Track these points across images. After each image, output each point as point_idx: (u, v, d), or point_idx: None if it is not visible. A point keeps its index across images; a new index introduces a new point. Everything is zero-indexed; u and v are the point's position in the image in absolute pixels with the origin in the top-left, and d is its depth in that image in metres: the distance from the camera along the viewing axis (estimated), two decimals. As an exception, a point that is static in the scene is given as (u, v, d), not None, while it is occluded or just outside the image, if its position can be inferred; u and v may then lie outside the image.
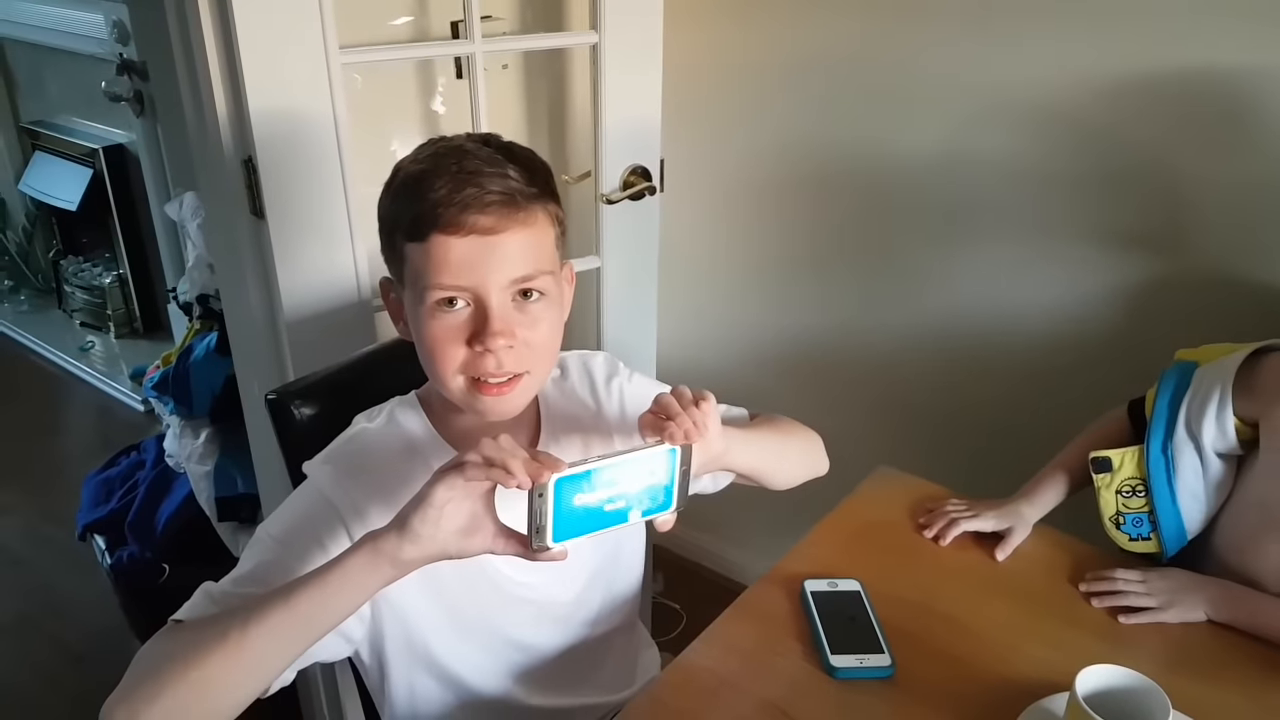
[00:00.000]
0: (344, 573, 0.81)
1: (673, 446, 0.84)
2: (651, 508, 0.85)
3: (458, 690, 1.06)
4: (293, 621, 0.81)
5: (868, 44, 1.74)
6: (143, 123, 3.06)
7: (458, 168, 0.88)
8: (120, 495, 2.29)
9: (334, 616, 0.83)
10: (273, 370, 1.56)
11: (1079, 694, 0.88)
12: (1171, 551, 1.18)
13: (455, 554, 0.83)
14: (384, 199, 0.95)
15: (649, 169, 1.72)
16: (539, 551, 0.81)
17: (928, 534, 1.24)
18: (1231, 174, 1.45)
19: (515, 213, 0.89)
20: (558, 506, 0.79)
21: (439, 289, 0.89)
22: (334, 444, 1.00)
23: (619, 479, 0.82)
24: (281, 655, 0.83)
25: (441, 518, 0.80)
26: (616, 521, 0.84)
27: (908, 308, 1.86)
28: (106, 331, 3.68)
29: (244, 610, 0.83)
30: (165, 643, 0.85)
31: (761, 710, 1.00)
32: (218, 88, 1.37)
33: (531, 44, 1.84)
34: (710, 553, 2.35)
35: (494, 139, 0.94)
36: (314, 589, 0.81)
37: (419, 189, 0.88)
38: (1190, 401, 1.15)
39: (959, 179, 1.71)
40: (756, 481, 1.12)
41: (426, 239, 0.88)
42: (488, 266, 0.89)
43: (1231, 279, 1.49)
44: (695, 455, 0.91)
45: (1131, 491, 1.19)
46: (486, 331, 0.89)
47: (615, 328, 1.82)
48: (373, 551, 0.81)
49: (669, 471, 0.85)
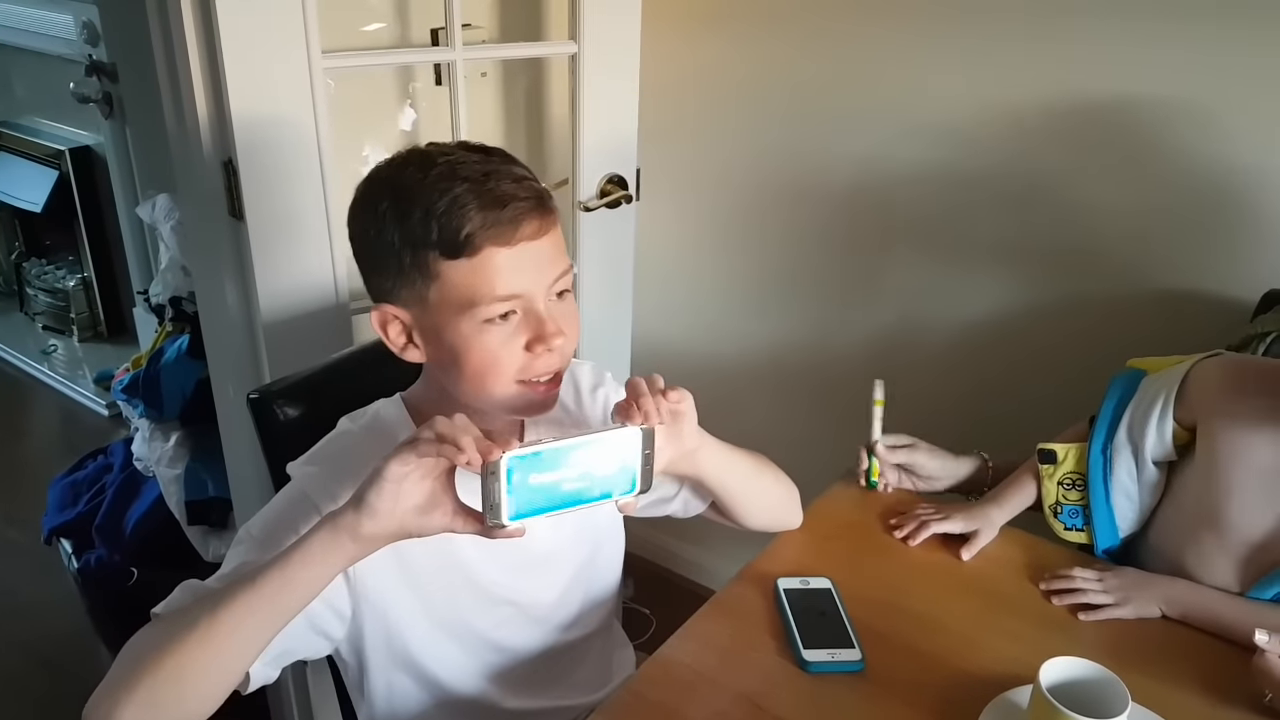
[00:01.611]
0: (306, 551, 0.82)
1: (635, 427, 0.86)
2: (615, 490, 0.86)
3: (435, 690, 1.07)
4: (258, 603, 0.82)
5: (832, 62, 1.78)
6: (111, 125, 3.03)
7: (486, 181, 0.89)
8: (87, 499, 2.27)
9: (299, 596, 0.84)
10: (249, 372, 1.56)
11: (1043, 685, 0.91)
12: (1102, 544, 1.24)
13: (415, 531, 0.84)
14: (383, 221, 0.91)
15: (625, 177, 1.75)
16: (494, 528, 0.82)
17: (898, 534, 1.28)
18: (1138, 197, 1.55)
19: (547, 215, 0.92)
20: (515, 485, 0.80)
21: (495, 301, 0.90)
22: (318, 445, 1.01)
23: (581, 460, 0.83)
24: (251, 639, 0.84)
25: (399, 494, 0.81)
26: (578, 502, 0.84)
27: (876, 315, 1.90)
28: (70, 335, 3.63)
29: (213, 597, 0.84)
30: (143, 636, 0.87)
31: (737, 703, 1.02)
32: (199, 90, 1.38)
33: (512, 52, 1.86)
34: (680, 558, 2.38)
35: (487, 148, 0.95)
36: (277, 570, 0.82)
37: (454, 207, 0.87)
38: (1135, 409, 1.21)
39: (919, 193, 1.76)
40: (726, 508, 1.15)
41: (476, 254, 0.88)
42: (536, 271, 0.91)
43: (1183, 291, 1.55)
44: (667, 448, 0.94)
45: (1071, 485, 1.26)
46: (547, 333, 0.91)
47: (591, 334, 1.83)
48: (332, 528, 0.82)
49: (634, 454, 0.86)
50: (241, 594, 0.82)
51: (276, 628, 0.85)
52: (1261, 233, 1.47)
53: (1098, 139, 1.56)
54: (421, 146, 0.96)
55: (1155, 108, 1.50)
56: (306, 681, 1.73)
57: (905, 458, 1.35)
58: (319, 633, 0.97)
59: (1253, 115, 1.43)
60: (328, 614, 0.96)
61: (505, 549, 1.04)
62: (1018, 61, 1.60)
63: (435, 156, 0.92)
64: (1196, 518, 1.16)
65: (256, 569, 0.83)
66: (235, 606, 0.82)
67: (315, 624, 0.96)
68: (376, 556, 0.95)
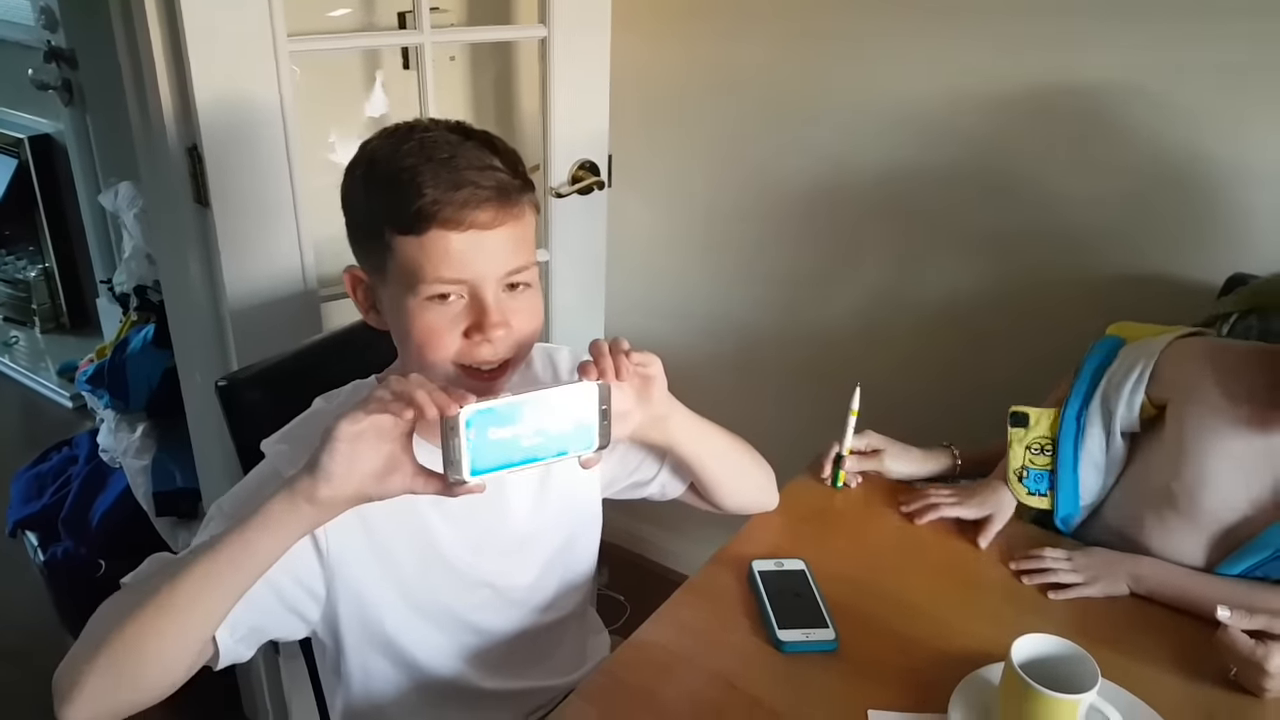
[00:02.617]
0: (264, 516, 0.82)
1: (591, 382, 0.87)
2: (576, 446, 0.87)
3: (411, 672, 1.07)
4: (218, 569, 0.82)
5: (803, 53, 1.79)
6: (71, 112, 2.98)
7: (451, 163, 0.89)
8: (53, 491, 2.24)
9: (259, 563, 0.84)
10: (215, 360, 1.54)
11: (1014, 661, 0.92)
12: (1062, 511, 1.25)
13: (375, 495, 0.84)
14: (357, 188, 0.94)
15: (597, 163, 1.75)
16: (455, 485, 0.83)
17: (904, 509, 1.28)
18: (1105, 184, 1.57)
19: (509, 207, 0.91)
20: (474, 441, 0.80)
21: (438, 283, 0.90)
22: (291, 424, 1.01)
23: (539, 416, 0.84)
24: (211, 606, 0.84)
25: (354, 456, 0.81)
26: (538, 458, 0.85)
27: (847, 302, 1.91)
28: (31, 326, 3.58)
29: (175, 564, 0.84)
30: (107, 605, 0.87)
31: (712, 682, 1.03)
32: (162, 75, 1.35)
33: (481, 35, 1.84)
34: (654, 545, 2.38)
35: (472, 130, 0.95)
36: (237, 535, 0.82)
37: (411, 183, 0.88)
38: (1112, 375, 1.22)
39: (889, 182, 1.77)
40: (703, 484, 1.16)
41: (424, 233, 0.88)
42: (485, 260, 0.91)
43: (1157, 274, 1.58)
44: (636, 412, 0.96)
45: (1040, 449, 1.26)
46: (487, 323, 0.91)
47: (563, 321, 1.84)
48: (289, 493, 0.82)
49: (590, 409, 0.87)
50: (202, 560, 0.82)
51: (236, 594, 0.85)
52: (1226, 219, 1.49)
53: (1065, 127, 1.57)
54: (421, 120, 0.96)
55: (1122, 96, 1.51)
56: (279, 669, 1.73)
57: (873, 465, 1.35)
58: (292, 612, 0.97)
59: (1217, 104, 1.45)
60: (301, 593, 0.96)
61: (481, 527, 1.04)
62: (986, 52, 1.61)
63: (416, 132, 0.92)
64: (1161, 496, 1.17)
65: (217, 537, 0.83)
66: (195, 572, 0.82)
67: (288, 603, 0.95)
68: (350, 539, 0.96)
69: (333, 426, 0.81)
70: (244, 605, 0.88)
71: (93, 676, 0.81)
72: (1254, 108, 1.43)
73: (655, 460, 1.17)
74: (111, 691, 0.82)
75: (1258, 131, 1.43)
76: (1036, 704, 0.90)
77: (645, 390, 0.98)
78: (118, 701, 0.83)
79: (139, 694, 0.83)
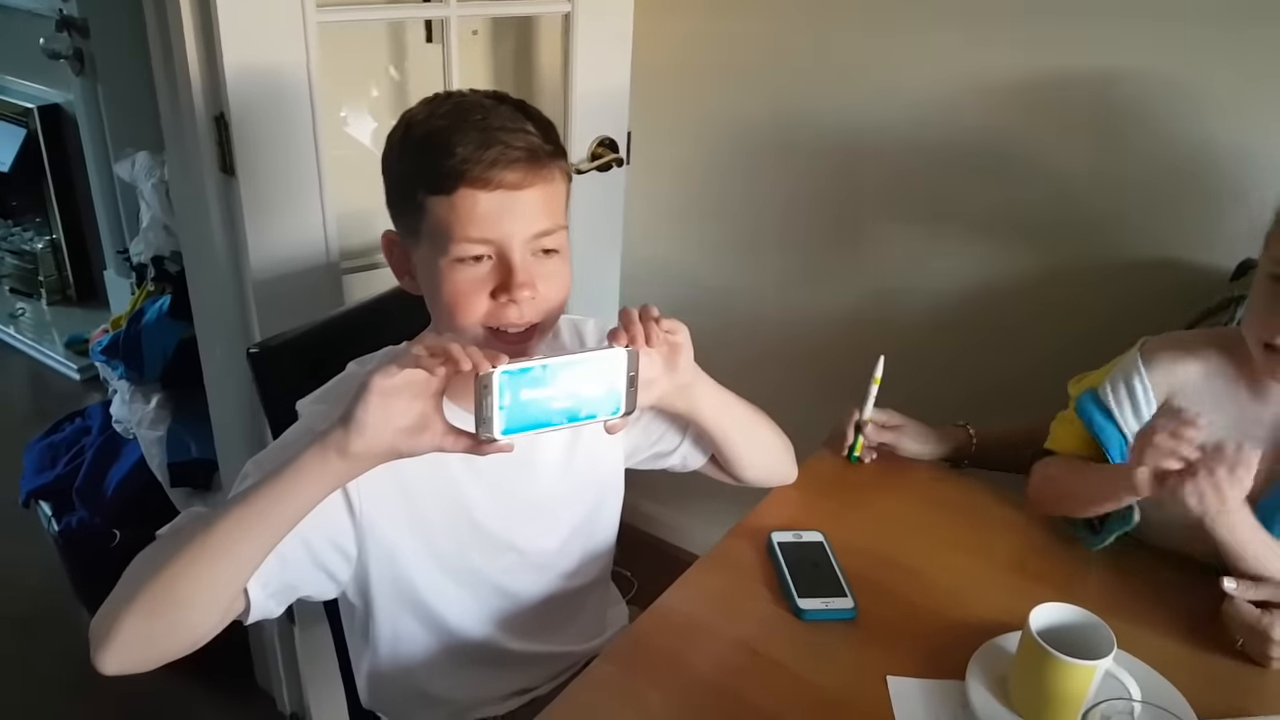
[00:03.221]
0: (297, 468, 0.84)
1: (621, 348, 0.89)
2: (603, 411, 0.89)
3: (440, 633, 1.10)
4: (249, 518, 0.84)
5: (818, 32, 1.80)
6: (82, 82, 2.98)
7: (483, 124, 0.90)
8: (66, 461, 2.25)
9: (289, 513, 0.86)
10: (238, 332, 1.55)
11: (1032, 628, 0.94)
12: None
13: (406, 451, 0.85)
14: (394, 152, 0.96)
15: (616, 141, 1.76)
16: (486, 444, 0.84)
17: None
18: (1116, 168, 1.59)
19: (539, 169, 0.92)
20: (506, 401, 0.82)
21: (466, 242, 0.91)
22: (327, 385, 1.03)
23: (570, 379, 0.86)
24: (243, 554, 0.86)
25: (388, 410, 0.82)
26: (566, 420, 0.87)
27: (861, 281, 1.93)
28: (38, 298, 3.58)
29: (209, 515, 0.86)
30: (144, 553, 0.89)
31: (735, 649, 1.05)
32: (190, 43, 1.36)
33: (506, 9, 1.84)
34: (661, 522, 2.40)
35: (507, 97, 0.96)
36: (268, 486, 0.84)
37: (444, 144, 0.90)
38: (1123, 415, 1.18)
39: (904, 162, 1.78)
40: (724, 455, 1.17)
41: (454, 192, 0.90)
42: (514, 220, 0.92)
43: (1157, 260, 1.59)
44: (662, 379, 0.98)
45: None
46: (513, 283, 0.92)
47: (580, 296, 1.84)
48: (321, 446, 0.84)
49: (619, 376, 0.89)
50: (235, 510, 0.84)
51: (268, 545, 0.86)
52: (1237, 203, 1.50)
53: (1078, 114, 1.59)
54: (461, 90, 0.98)
55: (1132, 81, 1.53)
56: (294, 639, 1.75)
57: (891, 439, 1.36)
58: (323, 570, 0.98)
59: (1227, 88, 1.46)
60: (332, 552, 0.98)
61: (510, 492, 1.06)
62: (1000, 35, 1.62)
63: (454, 96, 0.95)
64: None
65: (250, 488, 0.85)
66: (228, 522, 0.84)
67: (319, 560, 0.97)
68: (383, 500, 0.97)
69: (367, 380, 0.82)
70: (278, 562, 0.90)
71: (129, 620, 0.83)
72: (1263, 93, 1.44)
73: (678, 431, 1.19)
74: (147, 637, 0.84)
75: (1267, 118, 1.45)
76: (1054, 670, 0.92)
77: (672, 358, 1.00)
78: (153, 648, 0.85)
79: (173, 640, 0.86)
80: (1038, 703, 0.95)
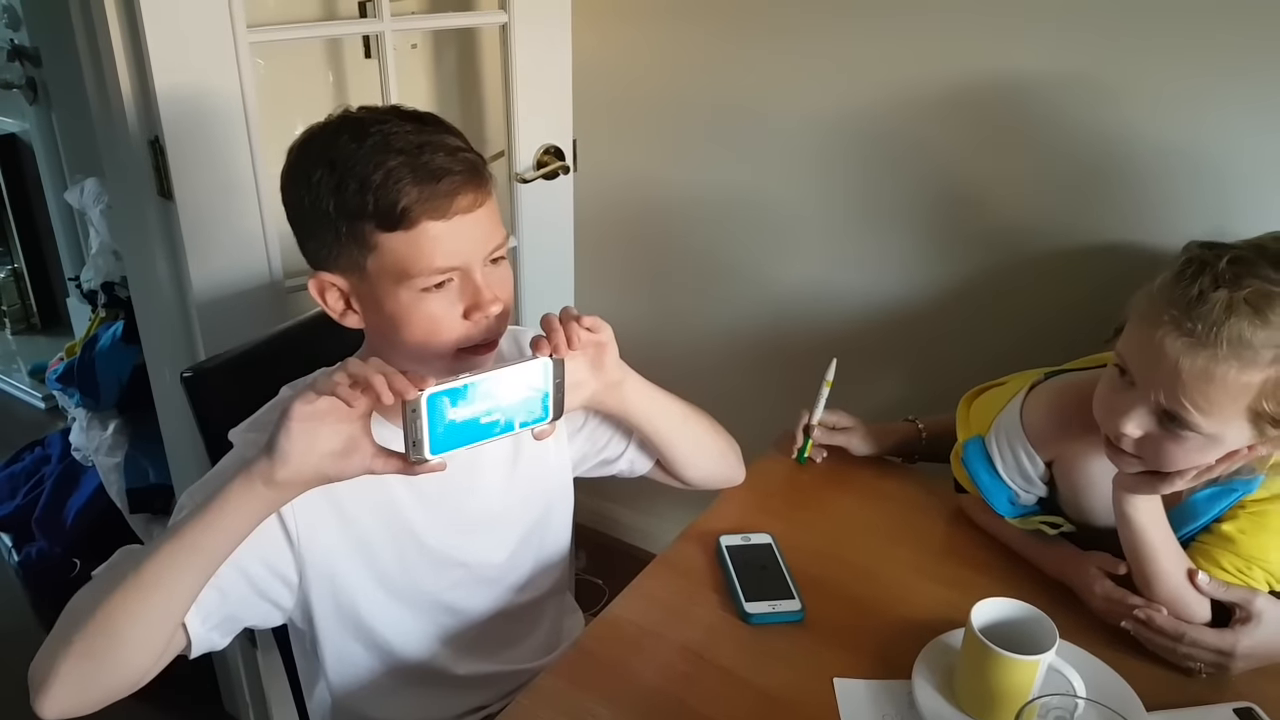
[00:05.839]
0: (223, 498, 0.83)
1: (545, 358, 0.90)
2: (530, 419, 0.91)
3: (386, 656, 1.08)
4: (182, 551, 0.84)
5: (757, 44, 1.78)
6: (36, 110, 2.96)
7: (421, 154, 0.89)
8: (25, 491, 2.23)
9: (222, 543, 0.85)
10: (183, 354, 1.54)
11: (974, 625, 0.94)
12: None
13: (335, 475, 0.85)
14: (323, 193, 0.90)
15: (562, 148, 1.75)
16: (417, 464, 0.85)
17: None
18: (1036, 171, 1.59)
19: (481, 184, 0.92)
20: (434, 420, 0.83)
21: (435, 273, 0.91)
22: (259, 412, 1.01)
23: (495, 392, 0.87)
24: (176, 588, 0.85)
25: (312, 436, 0.82)
26: (496, 433, 0.88)
27: (808, 286, 1.92)
28: (2, 328, 3.54)
29: (142, 551, 0.85)
30: (79, 594, 0.88)
31: (682, 655, 1.04)
32: (122, 67, 1.35)
33: (441, 23, 1.84)
34: (630, 528, 2.39)
35: (418, 113, 0.95)
36: (198, 517, 0.84)
37: (390, 181, 0.87)
38: (1006, 474, 1.17)
39: (841, 165, 1.78)
40: (664, 457, 1.17)
41: (414, 228, 0.89)
42: (473, 242, 0.92)
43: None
44: (590, 380, 1.00)
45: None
46: (484, 301, 0.93)
47: (534, 305, 1.85)
48: (246, 475, 0.83)
49: (545, 383, 0.90)
50: (167, 544, 0.84)
51: (201, 577, 0.86)
52: (1172, 183, 1.50)
53: (1008, 115, 1.58)
54: (353, 111, 0.95)
55: (1060, 84, 1.52)
56: (257, 662, 1.73)
57: (841, 441, 1.35)
58: (266, 599, 0.97)
59: (1145, 85, 1.46)
60: (273, 580, 0.97)
61: (454, 508, 1.05)
62: (929, 42, 1.61)
63: (369, 125, 0.91)
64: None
65: (181, 520, 0.85)
66: (160, 556, 0.83)
67: (261, 590, 0.96)
68: (320, 522, 0.96)
69: (288, 408, 0.82)
70: (217, 594, 0.89)
71: (67, 662, 0.82)
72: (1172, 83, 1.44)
73: (623, 437, 1.18)
74: (87, 677, 0.83)
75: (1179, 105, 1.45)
76: (996, 666, 0.92)
77: (598, 357, 1.01)
78: (92, 688, 0.84)
79: (113, 679, 0.84)
80: (983, 699, 0.95)
